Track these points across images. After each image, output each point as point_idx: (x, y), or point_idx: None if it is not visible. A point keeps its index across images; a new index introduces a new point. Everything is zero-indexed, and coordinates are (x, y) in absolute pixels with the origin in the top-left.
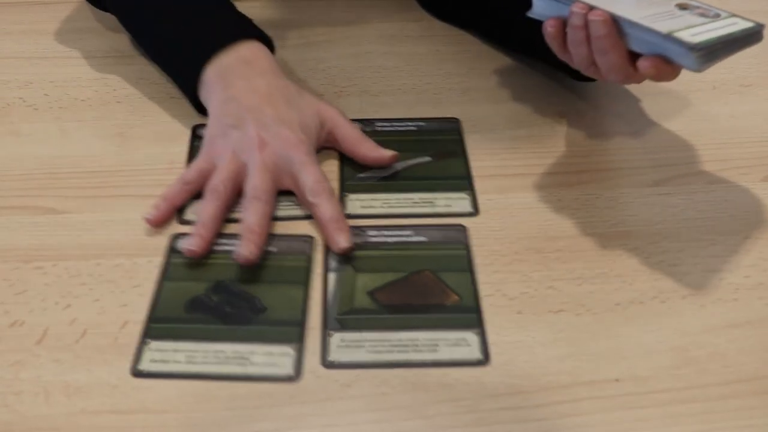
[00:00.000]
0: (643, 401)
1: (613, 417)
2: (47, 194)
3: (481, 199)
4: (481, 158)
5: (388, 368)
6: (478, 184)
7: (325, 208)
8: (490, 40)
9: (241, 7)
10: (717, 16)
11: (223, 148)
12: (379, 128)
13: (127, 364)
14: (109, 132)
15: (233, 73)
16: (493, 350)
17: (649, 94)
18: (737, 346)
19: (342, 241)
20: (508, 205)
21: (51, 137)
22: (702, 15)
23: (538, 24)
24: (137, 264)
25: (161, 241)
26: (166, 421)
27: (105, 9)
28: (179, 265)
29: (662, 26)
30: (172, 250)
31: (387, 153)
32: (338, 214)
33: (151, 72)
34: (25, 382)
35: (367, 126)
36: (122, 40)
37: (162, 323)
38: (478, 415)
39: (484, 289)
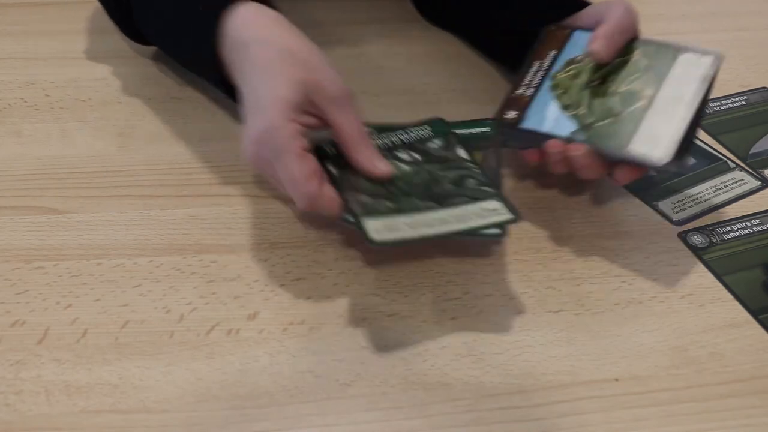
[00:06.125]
0: (642, 401)
1: (613, 416)
2: (48, 194)
3: None
4: None
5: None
6: None
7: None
8: (478, 50)
9: None
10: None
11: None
12: None
13: (127, 364)
14: (110, 132)
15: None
16: (493, 350)
17: None
18: (736, 346)
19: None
20: None
21: (52, 138)
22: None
23: (519, 40)
24: (138, 264)
25: (161, 240)
26: (166, 421)
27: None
28: None
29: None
30: None
31: (381, 167)
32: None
33: (153, 72)
34: (25, 382)
35: None
36: (123, 41)
37: None
38: (477, 414)
39: (483, 289)
